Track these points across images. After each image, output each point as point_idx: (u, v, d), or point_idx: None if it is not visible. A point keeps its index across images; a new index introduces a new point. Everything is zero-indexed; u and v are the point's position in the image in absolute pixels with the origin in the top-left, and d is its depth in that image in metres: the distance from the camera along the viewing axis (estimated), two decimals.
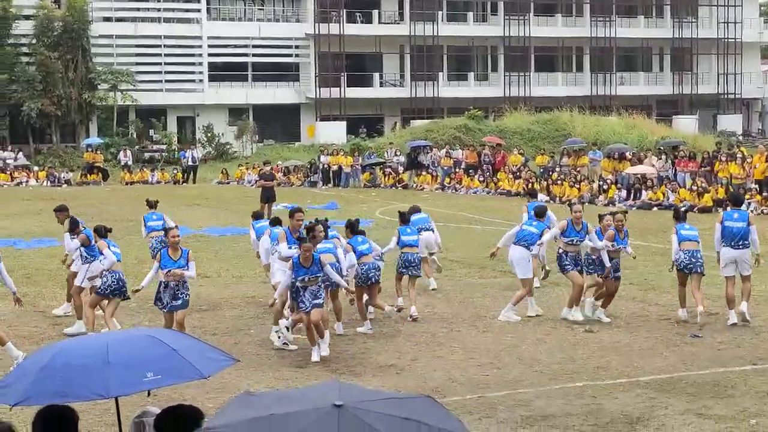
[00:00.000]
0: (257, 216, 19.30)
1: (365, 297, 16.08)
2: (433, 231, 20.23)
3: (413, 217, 19.53)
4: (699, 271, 16.07)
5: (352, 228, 17.09)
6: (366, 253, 16.48)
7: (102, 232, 16.08)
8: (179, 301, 13.72)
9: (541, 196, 24.16)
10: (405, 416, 3.85)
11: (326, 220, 17.57)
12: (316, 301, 13.41)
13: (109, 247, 15.71)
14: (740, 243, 16.08)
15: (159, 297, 13.86)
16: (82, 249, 16.28)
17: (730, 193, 21.04)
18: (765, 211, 32.49)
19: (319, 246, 14.46)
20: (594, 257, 16.44)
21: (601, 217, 17.11)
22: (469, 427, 4.14)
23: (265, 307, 17.09)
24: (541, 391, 12.28)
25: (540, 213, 17.91)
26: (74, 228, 16.89)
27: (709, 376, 12.79)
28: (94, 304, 15.26)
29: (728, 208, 18.00)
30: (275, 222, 18.12)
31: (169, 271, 13.61)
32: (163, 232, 18.06)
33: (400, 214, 18.62)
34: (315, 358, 13.44)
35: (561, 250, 16.57)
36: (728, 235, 16.25)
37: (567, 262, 16.37)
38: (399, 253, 17.33)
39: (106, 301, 15.67)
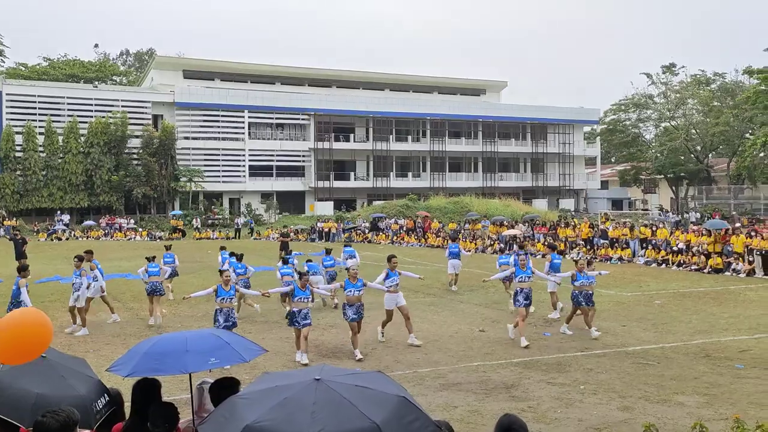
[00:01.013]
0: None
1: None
2: (355, 256, 20.79)
3: (346, 248, 21.12)
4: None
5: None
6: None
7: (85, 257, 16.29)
8: (230, 323, 12.71)
9: (454, 245, 23.90)
10: (359, 384, 3.80)
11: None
12: (305, 322, 12.59)
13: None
14: (554, 272, 16.80)
15: (216, 318, 12.87)
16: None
17: (548, 243, 21.73)
18: (588, 257, 32.79)
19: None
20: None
21: (576, 262, 15.40)
22: (407, 391, 4.11)
23: (279, 319, 16.90)
24: (452, 368, 12.25)
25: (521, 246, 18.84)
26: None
27: (554, 359, 12.82)
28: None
29: (554, 252, 18.38)
30: (237, 256, 19.41)
31: (223, 299, 12.91)
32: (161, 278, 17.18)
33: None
34: (300, 359, 12.48)
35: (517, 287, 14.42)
36: (554, 268, 16.80)
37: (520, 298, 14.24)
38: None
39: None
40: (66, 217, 54.07)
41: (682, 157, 67.75)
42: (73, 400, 4.18)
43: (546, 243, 34.92)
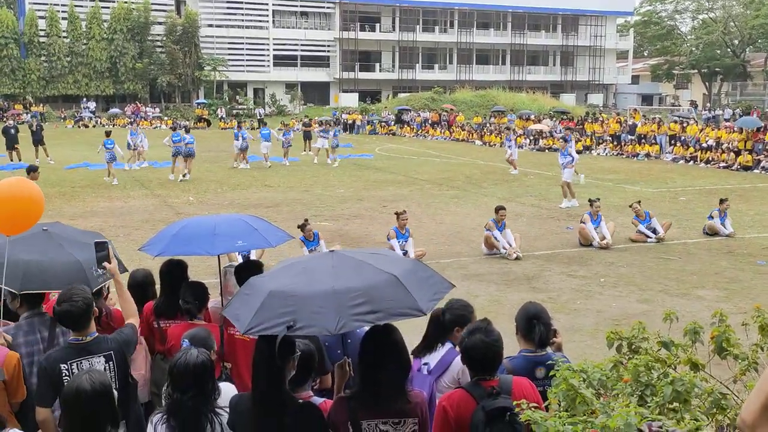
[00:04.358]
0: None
1: None
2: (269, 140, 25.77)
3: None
4: None
5: None
6: None
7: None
8: None
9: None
10: (373, 252, 4.07)
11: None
12: None
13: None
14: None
15: None
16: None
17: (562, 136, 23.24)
18: (615, 153, 32.46)
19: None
20: None
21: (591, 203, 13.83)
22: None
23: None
24: (474, 259, 12.39)
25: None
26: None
27: (576, 253, 12.88)
28: None
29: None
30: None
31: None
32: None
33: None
34: None
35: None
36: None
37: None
38: None
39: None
40: (92, 105, 54.26)
41: (718, 51, 65.38)
42: (67, 265, 4.28)
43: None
